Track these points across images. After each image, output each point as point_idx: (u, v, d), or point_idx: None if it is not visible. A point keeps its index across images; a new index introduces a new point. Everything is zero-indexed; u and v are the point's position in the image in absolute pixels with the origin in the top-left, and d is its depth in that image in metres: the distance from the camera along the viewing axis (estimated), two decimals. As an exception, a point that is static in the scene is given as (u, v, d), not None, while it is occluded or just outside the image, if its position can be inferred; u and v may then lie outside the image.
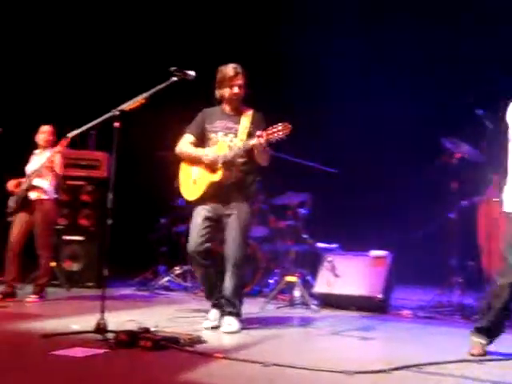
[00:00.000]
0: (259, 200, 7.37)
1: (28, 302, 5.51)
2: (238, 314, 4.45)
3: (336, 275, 5.99)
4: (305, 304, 5.82)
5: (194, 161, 4.49)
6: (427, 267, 7.11)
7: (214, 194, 4.40)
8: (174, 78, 4.13)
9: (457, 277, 5.81)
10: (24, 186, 5.59)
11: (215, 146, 4.42)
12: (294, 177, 6.61)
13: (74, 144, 6.46)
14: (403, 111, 8.10)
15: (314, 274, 6.31)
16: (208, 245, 4.42)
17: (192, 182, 4.51)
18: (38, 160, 5.77)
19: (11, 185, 5.68)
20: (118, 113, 3.91)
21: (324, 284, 5.99)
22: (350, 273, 5.99)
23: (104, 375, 3.14)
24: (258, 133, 4.20)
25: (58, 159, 5.71)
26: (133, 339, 3.62)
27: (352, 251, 6.36)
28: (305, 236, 6.42)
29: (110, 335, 3.70)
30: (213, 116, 4.56)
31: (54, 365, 3.26)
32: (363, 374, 3.26)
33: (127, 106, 3.96)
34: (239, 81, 4.46)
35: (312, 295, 6.00)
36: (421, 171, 6.06)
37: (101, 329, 3.74)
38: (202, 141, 4.55)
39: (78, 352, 3.46)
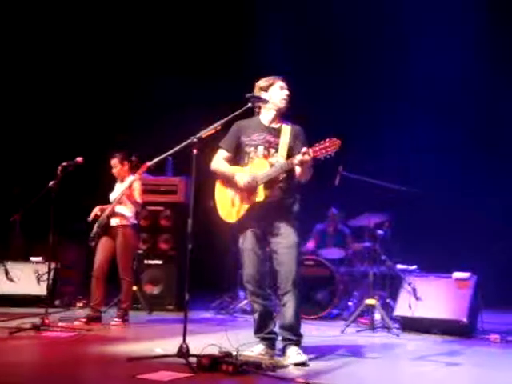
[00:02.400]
0: (336, 221, 7.33)
1: (112, 326, 5.65)
2: (300, 342, 4.20)
3: (417, 298, 5.82)
4: (386, 327, 5.69)
5: (230, 182, 4.23)
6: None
7: (256, 214, 4.15)
8: (249, 104, 4.16)
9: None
10: (106, 213, 5.78)
11: (250, 165, 4.18)
12: (372, 197, 6.50)
13: (153, 170, 6.67)
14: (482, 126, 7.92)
15: (394, 296, 6.17)
16: (264, 271, 4.24)
17: (230, 203, 4.24)
18: (119, 187, 5.97)
19: (96, 211, 5.89)
20: (195, 140, 3.99)
21: (405, 307, 5.83)
22: (432, 295, 5.81)
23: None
24: (304, 149, 3.94)
25: (136, 186, 5.86)
26: (215, 363, 3.64)
27: (432, 273, 6.17)
28: (383, 257, 6.29)
29: (193, 359, 3.74)
30: (249, 129, 4.29)
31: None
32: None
33: (204, 132, 4.03)
34: (287, 87, 4.28)
35: (393, 318, 5.85)
36: (504, 190, 5.82)
37: (183, 353, 3.79)
38: (237, 155, 4.31)
39: (163, 376, 3.52)
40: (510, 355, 4.74)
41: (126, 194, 5.73)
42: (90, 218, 5.82)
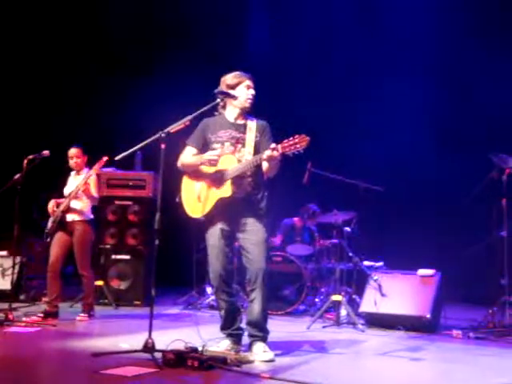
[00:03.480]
0: (305, 218, 7.36)
1: (78, 321, 5.59)
2: (266, 338, 4.24)
3: (383, 294, 5.90)
4: (351, 323, 5.76)
5: (199, 173, 4.26)
6: (477, 287, 6.95)
7: (224, 210, 4.15)
8: (218, 100, 4.16)
9: (508, 296, 5.64)
10: (61, 208, 5.69)
11: (219, 162, 4.18)
12: (339, 194, 6.57)
13: (121, 164, 6.62)
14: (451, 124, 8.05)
15: (360, 292, 6.24)
16: (230, 268, 4.25)
17: (196, 198, 4.25)
18: (74, 181, 5.85)
19: (50, 206, 5.77)
20: (163, 135, 3.98)
21: (371, 303, 5.90)
22: (398, 292, 5.89)
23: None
24: (273, 145, 3.95)
25: (93, 181, 5.75)
26: (180, 359, 3.65)
27: (398, 270, 6.26)
28: (350, 254, 6.37)
29: (158, 354, 3.74)
30: (216, 125, 4.31)
31: (105, 382, 3.31)
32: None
33: (172, 128, 4.02)
34: (252, 84, 4.31)
35: (358, 314, 5.93)
36: (470, 188, 5.93)
37: (149, 348, 3.78)
38: (204, 152, 4.28)
39: (127, 371, 3.51)
40: (471, 350, 4.83)
41: (82, 189, 5.63)
42: (50, 211, 5.74)
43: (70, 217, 5.72)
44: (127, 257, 7.11)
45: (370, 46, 8.38)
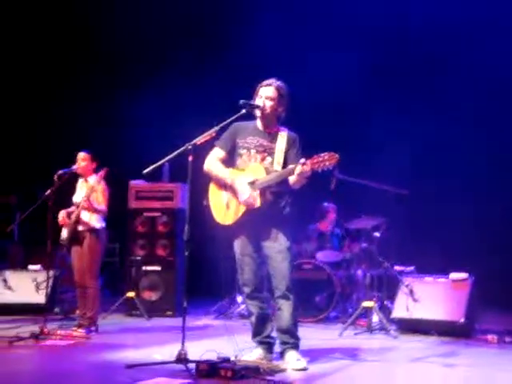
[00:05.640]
0: (332, 224, 7.34)
1: (75, 336, 5.37)
2: (298, 346, 4.24)
3: (415, 299, 5.85)
4: (384, 329, 5.71)
5: (223, 184, 4.29)
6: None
7: (251, 219, 4.17)
8: (244, 111, 4.19)
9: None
10: (73, 219, 5.65)
11: (247, 169, 4.21)
12: (367, 199, 6.53)
13: (149, 176, 6.68)
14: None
15: (392, 298, 6.19)
16: (260, 275, 4.28)
17: (225, 206, 4.27)
18: (81, 190, 5.81)
19: (60, 218, 5.71)
20: (190, 147, 4.02)
21: (403, 308, 5.86)
22: (430, 296, 5.83)
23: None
24: (302, 160, 3.99)
25: (100, 192, 5.68)
26: (213, 369, 3.67)
27: (430, 274, 6.20)
28: (380, 259, 6.32)
29: (191, 365, 3.76)
30: (245, 131, 4.32)
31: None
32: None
33: (199, 139, 4.06)
34: (268, 93, 4.25)
35: (391, 320, 5.88)
36: (501, 190, 5.85)
37: (182, 359, 3.81)
38: (232, 156, 4.34)
39: (161, 382, 3.54)
40: (507, 355, 4.76)
41: (85, 204, 5.57)
42: (60, 223, 5.69)
43: (80, 227, 5.69)
44: (158, 268, 7.17)
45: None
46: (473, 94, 7.88)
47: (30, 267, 7.25)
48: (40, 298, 6.78)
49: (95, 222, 5.69)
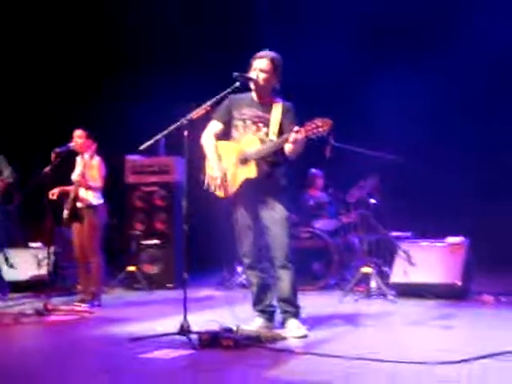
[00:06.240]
0: (321, 190, 7.39)
1: (77, 311, 5.45)
2: (299, 314, 4.31)
3: (412, 264, 5.93)
4: (382, 295, 5.80)
5: (221, 154, 4.31)
6: (508, 253, 6.92)
7: (247, 189, 4.21)
8: (238, 84, 4.18)
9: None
10: (71, 196, 5.68)
11: (239, 143, 4.25)
12: (362, 168, 6.55)
13: (145, 150, 6.67)
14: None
15: (390, 263, 6.27)
16: (260, 245, 4.33)
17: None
18: (79, 167, 5.83)
19: (56, 193, 5.73)
20: (185, 121, 4.03)
21: (400, 273, 5.94)
22: (427, 261, 5.92)
23: (192, 375, 3.29)
24: (296, 128, 3.99)
25: (95, 168, 5.72)
26: (216, 339, 3.74)
27: (426, 238, 6.27)
28: (377, 225, 6.37)
29: (194, 336, 3.84)
30: (241, 103, 4.34)
31: (144, 367, 3.42)
32: (447, 364, 3.24)
33: (194, 114, 4.08)
34: (261, 65, 4.23)
35: (389, 285, 5.96)
36: (496, 157, 5.87)
37: (184, 331, 3.89)
38: (229, 128, 4.37)
39: (166, 354, 3.62)
40: (502, 315, 4.86)
41: (81, 180, 5.62)
42: (51, 197, 5.71)
43: (79, 204, 5.71)
44: (157, 241, 7.24)
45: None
46: (473, 59, 7.83)
47: (31, 244, 7.30)
48: (42, 274, 6.86)
49: (92, 198, 5.72)
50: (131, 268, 6.98)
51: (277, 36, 7.55)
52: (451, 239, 6.00)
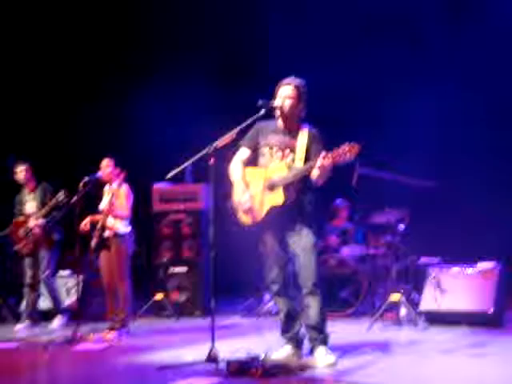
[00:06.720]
0: (345, 222, 7.35)
1: (106, 340, 5.48)
2: (327, 341, 4.24)
3: (442, 290, 5.82)
4: (412, 322, 5.70)
5: (249, 181, 4.32)
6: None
7: (275, 217, 4.20)
8: (262, 111, 4.21)
9: None
10: (99, 226, 5.76)
11: (266, 170, 4.25)
12: (389, 193, 6.50)
13: (172, 178, 6.73)
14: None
15: (419, 290, 6.17)
16: (288, 272, 4.30)
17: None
18: (107, 196, 5.90)
19: (87, 222, 5.79)
20: (211, 150, 4.07)
21: (430, 300, 5.84)
22: (457, 287, 5.80)
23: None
24: (323, 154, 4.00)
25: (122, 196, 5.78)
26: (244, 367, 3.72)
27: (456, 264, 6.16)
28: (405, 252, 6.30)
29: (222, 364, 3.81)
30: (267, 130, 4.36)
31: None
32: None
33: (220, 142, 4.11)
34: (287, 92, 4.25)
35: (419, 313, 5.86)
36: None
37: (212, 359, 3.87)
38: (256, 154, 4.38)
39: (193, 382, 3.60)
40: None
41: (109, 209, 5.69)
42: (83, 228, 5.77)
43: (107, 233, 5.77)
44: (184, 269, 7.26)
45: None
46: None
47: (61, 273, 7.38)
48: (71, 302, 6.91)
49: (120, 226, 5.78)
50: (159, 296, 6.99)
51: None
52: (483, 264, 5.88)
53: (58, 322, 6.57)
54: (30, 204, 6.78)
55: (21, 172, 6.83)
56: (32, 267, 6.68)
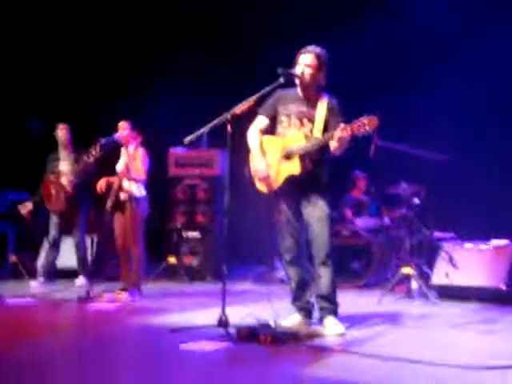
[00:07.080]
0: (362, 192, 7.32)
1: (118, 300, 5.57)
2: (337, 311, 4.28)
3: (455, 266, 5.82)
4: (423, 296, 5.71)
5: (266, 148, 4.31)
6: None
7: (291, 186, 4.22)
8: (282, 79, 4.16)
9: None
10: (115, 188, 5.76)
11: (284, 139, 4.25)
12: (406, 166, 6.45)
13: (189, 143, 6.71)
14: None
15: (431, 264, 6.17)
16: (301, 242, 4.32)
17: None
18: (123, 159, 5.90)
19: (98, 186, 5.81)
20: (229, 116, 4.05)
21: (442, 275, 5.84)
22: (470, 263, 5.79)
23: (229, 369, 3.31)
24: (342, 125, 3.98)
25: (138, 159, 5.78)
26: (253, 334, 3.76)
27: (470, 240, 6.14)
28: (420, 226, 6.28)
29: (232, 329, 3.86)
30: (287, 98, 4.32)
31: (182, 358, 3.47)
32: (490, 369, 3.17)
33: (238, 109, 4.08)
34: (307, 60, 4.20)
35: (430, 286, 5.87)
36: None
37: (223, 323, 3.92)
38: (274, 122, 4.36)
39: (205, 346, 3.65)
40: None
41: (125, 171, 5.72)
42: (99, 190, 5.80)
43: (122, 195, 5.78)
44: (198, 234, 7.31)
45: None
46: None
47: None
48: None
49: (135, 190, 5.80)
50: (172, 260, 7.07)
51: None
52: (496, 241, 5.86)
53: (79, 281, 6.64)
54: (64, 163, 6.72)
55: (62, 130, 6.80)
56: (58, 226, 6.67)
